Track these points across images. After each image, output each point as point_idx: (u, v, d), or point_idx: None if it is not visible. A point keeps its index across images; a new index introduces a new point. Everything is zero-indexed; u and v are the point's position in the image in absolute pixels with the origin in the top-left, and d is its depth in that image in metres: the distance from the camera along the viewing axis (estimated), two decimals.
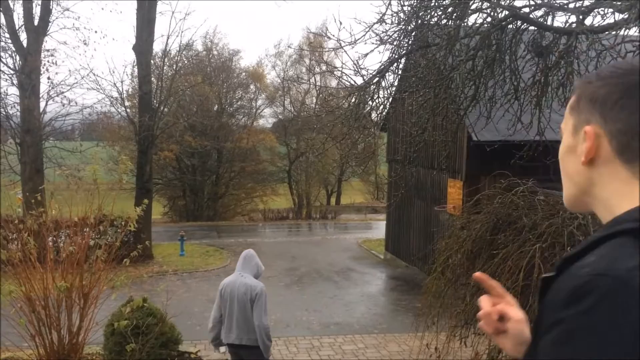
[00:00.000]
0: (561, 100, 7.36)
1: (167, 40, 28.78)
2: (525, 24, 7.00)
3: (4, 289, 6.01)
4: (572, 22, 6.47)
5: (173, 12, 27.89)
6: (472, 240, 6.57)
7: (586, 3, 6.49)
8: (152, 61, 18.80)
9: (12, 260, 6.06)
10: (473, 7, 6.75)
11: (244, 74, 36.99)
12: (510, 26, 6.99)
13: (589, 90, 0.93)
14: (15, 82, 17.41)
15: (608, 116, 0.89)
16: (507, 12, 6.68)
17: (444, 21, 6.95)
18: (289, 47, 39.11)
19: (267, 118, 40.10)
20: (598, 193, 0.92)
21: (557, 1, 6.91)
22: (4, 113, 17.83)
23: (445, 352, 6.67)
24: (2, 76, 17.63)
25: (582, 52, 6.64)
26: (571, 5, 6.56)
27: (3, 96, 17.80)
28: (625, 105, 0.87)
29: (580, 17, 6.26)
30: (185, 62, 30.33)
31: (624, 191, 0.88)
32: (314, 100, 36.56)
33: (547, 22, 6.94)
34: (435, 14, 7.01)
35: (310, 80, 32.74)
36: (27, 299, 6.03)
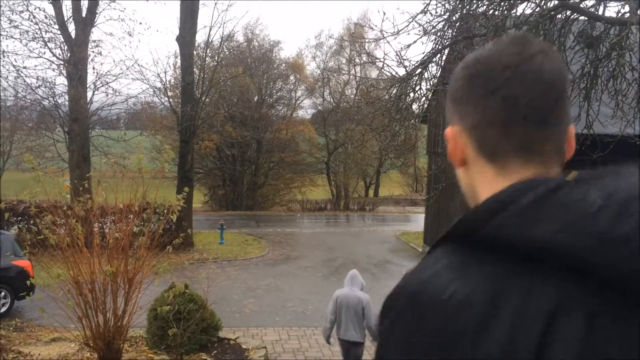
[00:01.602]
0: (611, 92, 7.11)
1: (210, 31, 29.21)
2: (575, 14, 6.78)
3: (53, 272, 6.22)
4: (625, 12, 6.23)
5: (216, 4, 28.27)
6: None
7: None
8: (194, 52, 19.05)
9: (60, 245, 6.26)
10: None
11: (284, 65, 37.13)
12: (559, 16, 6.77)
13: (448, 89, 0.89)
14: (63, 72, 17.94)
15: (462, 113, 0.85)
16: (556, 2, 6.48)
17: (491, 11, 6.80)
18: (330, 37, 39.06)
19: (306, 109, 40.32)
20: (479, 196, 0.85)
21: None
22: (53, 102, 18.42)
23: None
24: (51, 66, 18.20)
25: (635, 43, 6.39)
26: None
27: (52, 85, 18.40)
28: (471, 98, 0.82)
29: (635, 6, 6.02)
30: (227, 53, 30.62)
31: (486, 190, 0.82)
32: (354, 92, 36.42)
33: (598, 11, 6.70)
34: (482, 4, 6.86)
35: (350, 72, 32.60)
36: (75, 282, 6.22)
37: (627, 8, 6.18)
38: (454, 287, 0.69)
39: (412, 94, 8.42)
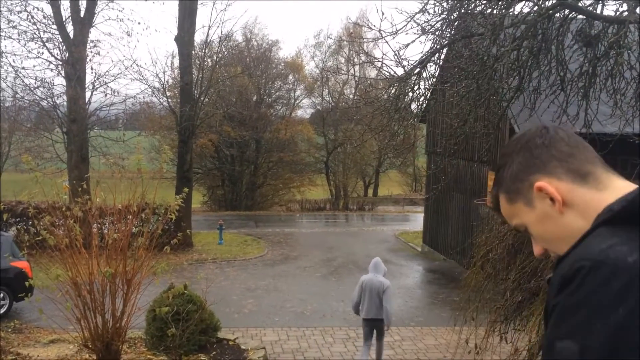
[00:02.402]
0: (610, 91, 7.11)
1: (208, 31, 29.11)
2: (573, 13, 6.78)
3: (52, 274, 6.21)
4: (624, 11, 6.22)
5: (214, 3, 28.18)
6: (514, 234, 6.44)
7: None
8: (193, 52, 19.04)
9: (59, 245, 6.24)
10: None
11: (282, 64, 37.09)
12: (557, 15, 6.77)
13: (510, 172, 1.08)
14: (61, 72, 17.92)
15: (547, 165, 1.03)
16: (554, 1, 6.47)
17: (489, 10, 6.79)
18: (328, 37, 39.05)
19: (305, 109, 40.21)
20: (572, 216, 1.03)
21: None
22: (52, 102, 18.39)
23: (484, 348, 6.58)
24: (49, 66, 18.19)
25: (634, 42, 6.39)
26: None
27: (50, 86, 18.37)
28: (540, 157, 1.05)
29: (633, 5, 6.02)
30: (225, 52, 30.59)
31: (592, 200, 1.00)
32: (353, 91, 36.41)
33: (596, 10, 6.70)
34: (480, 3, 6.85)
35: (349, 71, 32.60)
36: (73, 283, 6.21)
37: (625, 7, 6.18)
38: (636, 255, 0.85)
39: (410, 94, 8.41)
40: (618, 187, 1.00)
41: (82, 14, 17.60)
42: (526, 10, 6.93)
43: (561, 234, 1.02)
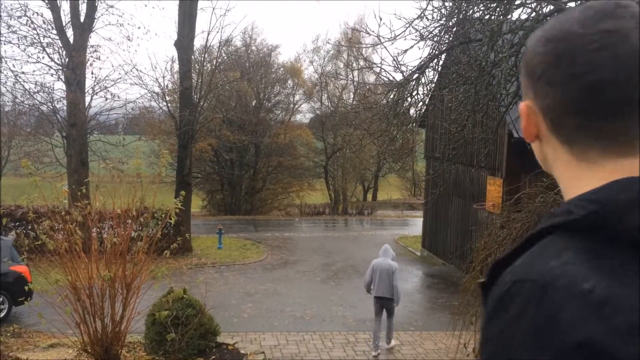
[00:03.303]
0: None
1: (208, 36, 29.30)
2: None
3: (51, 278, 6.23)
4: None
5: (214, 9, 28.20)
6: (512, 239, 6.47)
7: None
8: (192, 57, 19.09)
9: (58, 250, 6.26)
10: (517, 2, 6.62)
11: (282, 69, 37.17)
12: None
13: (525, 60, 0.82)
14: (61, 77, 17.95)
15: (538, 91, 0.78)
16: (552, 7, 6.52)
17: (487, 16, 6.83)
18: (327, 42, 39.14)
19: (304, 113, 40.24)
20: (553, 171, 0.83)
21: None
22: (52, 107, 18.42)
23: None
24: (49, 71, 18.22)
25: None
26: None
27: (50, 91, 18.41)
28: (551, 79, 0.75)
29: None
30: (225, 57, 30.66)
31: (569, 175, 0.79)
32: (352, 96, 36.46)
33: None
34: (478, 9, 6.90)
35: (348, 76, 32.67)
36: (73, 287, 6.23)
37: None
38: (591, 283, 0.63)
39: (409, 99, 8.45)
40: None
41: (82, 19, 17.64)
42: (524, 16, 6.98)
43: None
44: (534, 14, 6.65)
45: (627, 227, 0.66)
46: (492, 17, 6.83)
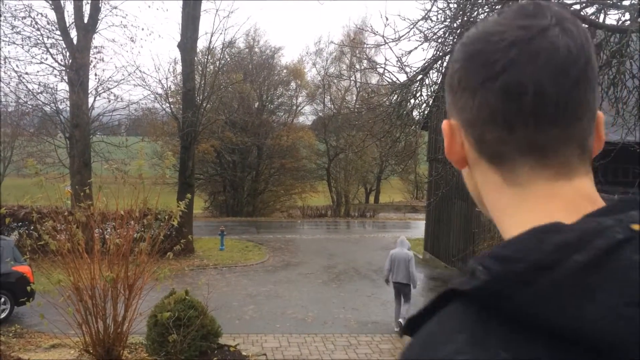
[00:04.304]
0: (612, 100, 7.11)
1: (211, 37, 29.35)
2: None
3: (53, 278, 6.22)
4: (626, 20, 6.24)
5: (217, 10, 28.34)
6: None
7: None
8: (195, 58, 19.11)
9: (61, 250, 6.25)
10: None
11: (284, 71, 37.22)
12: None
13: (448, 73, 0.70)
14: (65, 78, 17.98)
15: (457, 104, 0.67)
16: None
17: None
18: (330, 42, 39.20)
19: (307, 115, 40.34)
20: (485, 202, 0.70)
21: None
22: (55, 108, 18.45)
23: None
24: (53, 72, 18.27)
25: (636, 51, 6.40)
26: (626, 2, 6.34)
27: (53, 91, 18.44)
28: (467, 86, 0.64)
29: (635, 14, 6.04)
30: (228, 59, 30.71)
31: (499, 204, 0.66)
32: (354, 98, 36.48)
33: (598, 19, 6.72)
34: (483, 11, 6.88)
35: (351, 78, 32.70)
36: (75, 288, 6.22)
37: (627, 16, 6.21)
38: None
39: (412, 101, 8.43)
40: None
41: (85, 20, 17.68)
42: None
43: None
44: None
45: (518, 304, 0.52)
46: None
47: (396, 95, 8.38)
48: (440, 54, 7.64)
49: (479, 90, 0.63)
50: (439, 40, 7.41)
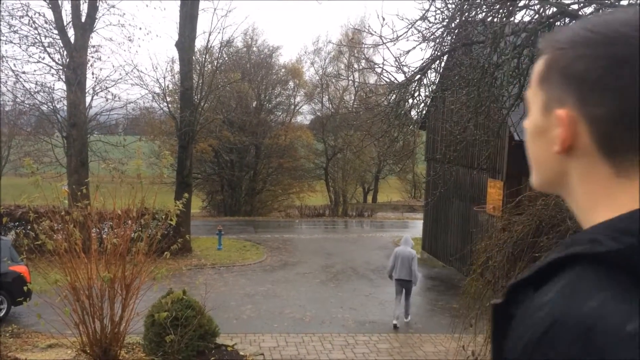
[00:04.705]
0: None
1: (209, 37, 29.18)
2: (574, 22, 6.80)
3: (50, 278, 6.20)
4: None
5: (215, 9, 28.31)
6: (514, 242, 6.45)
7: None
8: (193, 57, 19.07)
9: (58, 250, 6.24)
10: (520, 4, 6.60)
11: (283, 70, 37.17)
12: (558, 23, 6.79)
13: (562, 60, 0.74)
14: (62, 77, 17.94)
15: (587, 99, 0.71)
16: (555, 9, 6.50)
17: (490, 18, 6.81)
18: (328, 42, 39.15)
19: (305, 115, 40.23)
20: (572, 189, 0.77)
21: None
22: (52, 107, 18.40)
23: (482, 355, 6.56)
24: (50, 71, 18.21)
25: None
26: (623, 2, 6.34)
27: (51, 90, 18.39)
28: (608, 86, 0.69)
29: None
30: (226, 58, 30.67)
31: (601, 193, 0.73)
32: (352, 97, 36.47)
33: None
34: (481, 11, 6.88)
35: (349, 77, 32.69)
36: (72, 288, 6.20)
37: None
38: (636, 323, 0.60)
39: (410, 100, 8.43)
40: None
41: (83, 19, 17.63)
42: (527, 18, 6.96)
43: None
44: (537, 16, 6.63)
45: None
46: (495, 19, 6.81)
47: (394, 95, 8.38)
48: (438, 53, 7.63)
49: (625, 93, 0.68)
50: (437, 40, 7.41)
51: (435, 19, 7.18)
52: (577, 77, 0.72)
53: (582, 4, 6.57)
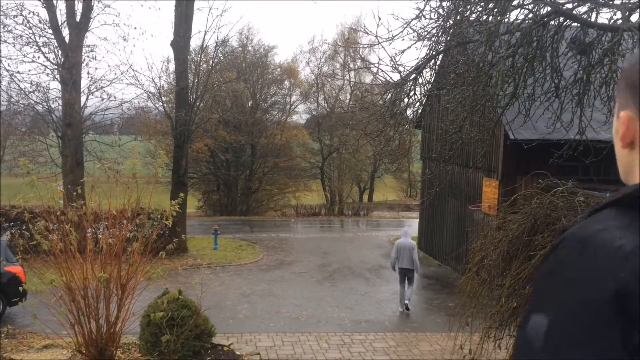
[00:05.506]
0: (604, 99, 7.15)
1: (204, 36, 29.21)
2: (568, 21, 6.83)
3: (46, 278, 6.18)
4: (618, 19, 6.27)
5: (210, 9, 28.28)
6: (509, 240, 6.46)
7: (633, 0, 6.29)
8: (189, 57, 19.04)
9: (53, 250, 6.22)
10: (514, 3, 6.62)
11: (278, 70, 37.14)
12: (552, 22, 6.81)
13: (627, 73, 0.91)
14: (57, 76, 17.87)
15: None
16: (549, 8, 6.52)
17: (484, 17, 6.83)
18: (324, 42, 39.14)
19: (300, 114, 40.24)
20: (637, 177, 0.91)
21: None
22: (47, 107, 18.33)
23: (478, 354, 6.58)
24: (45, 71, 18.14)
25: (628, 50, 6.44)
26: (617, 2, 6.37)
27: (46, 90, 18.31)
28: None
29: (627, 13, 6.06)
30: (221, 58, 30.63)
31: None
32: (348, 97, 36.49)
33: (590, 18, 6.75)
34: (475, 10, 6.89)
35: (345, 77, 32.69)
36: (68, 288, 6.19)
37: (619, 15, 6.23)
38: (623, 240, 0.76)
39: (406, 99, 8.44)
40: None
41: (78, 19, 17.57)
42: (521, 17, 6.98)
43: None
44: (531, 15, 6.65)
45: None
46: (490, 18, 6.83)
47: (390, 94, 8.39)
48: (434, 52, 7.65)
49: None
50: (433, 39, 7.42)
51: (431, 18, 7.19)
52: (636, 85, 0.88)
53: (576, 3, 6.60)
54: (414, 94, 8.29)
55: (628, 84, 0.90)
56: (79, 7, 17.68)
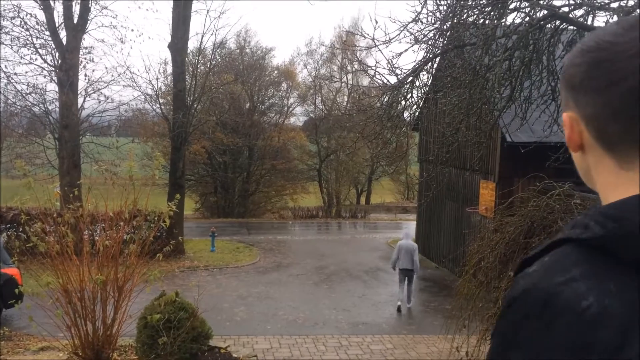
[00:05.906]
0: None
1: (202, 38, 29.23)
2: (564, 24, 6.85)
3: (42, 281, 6.17)
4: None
5: (208, 11, 28.29)
6: (506, 243, 6.48)
7: (630, 3, 6.31)
8: (186, 59, 19.03)
9: (50, 252, 6.21)
10: (511, 6, 6.64)
11: (276, 72, 37.15)
12: (548, 26, 6.84)
13: (569, 72, 0.83)
14: (54, 78, 17.84)
15: (579, 100, 0.80)
16: (545, 12, 6.54)
17: (481, 20, 6.85)
18: (321, 44, 39.17)
19: (298, 116, 40.22)
20: (595, 181, 0.84)
21: (599, 0, 6.74)
22: (44, 108, 18.30)
23: (475, 356, 6.59)
24: (42, 73, 18.11)
25: None
26: (614, 5, 6.40)
27: (43, 92, 18.29)
28: (590, 87, 0.78)
29: (623, 16, 6.09)
30: (219, 60, 30.62)
31: (610, 184, 0.80)
32: (346, 99, 36.51)
33: (587, 22, 6.77)
34: (472, 13, 6.91)
35: (342, 79, 32.73)
36: (64, 290, 6.17)
37: (615, 18, 6.25)
38: (592, 299, 0.67)
39: (403, 102, 8.46)
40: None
41: (75, 21, 17.55)
42: (518, 21, 7.00)
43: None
44: (527, 18, 6.67)
45: (633, 255, 0.69)
46: (487, 21, 6.85)
47: (387, 97, 8.40)
48: (431, 55, 7.66)
49: (603, 92, 0.76)
50: (429, 43, 7.44)
51: (427, 21, 7.21)
52: (570, 83, 0.82)
53: (572, 6, 6.62)
54: (411, 96, 8.32)
55: (567, 83, 0.83)
56: (76, 9, 17.67)
